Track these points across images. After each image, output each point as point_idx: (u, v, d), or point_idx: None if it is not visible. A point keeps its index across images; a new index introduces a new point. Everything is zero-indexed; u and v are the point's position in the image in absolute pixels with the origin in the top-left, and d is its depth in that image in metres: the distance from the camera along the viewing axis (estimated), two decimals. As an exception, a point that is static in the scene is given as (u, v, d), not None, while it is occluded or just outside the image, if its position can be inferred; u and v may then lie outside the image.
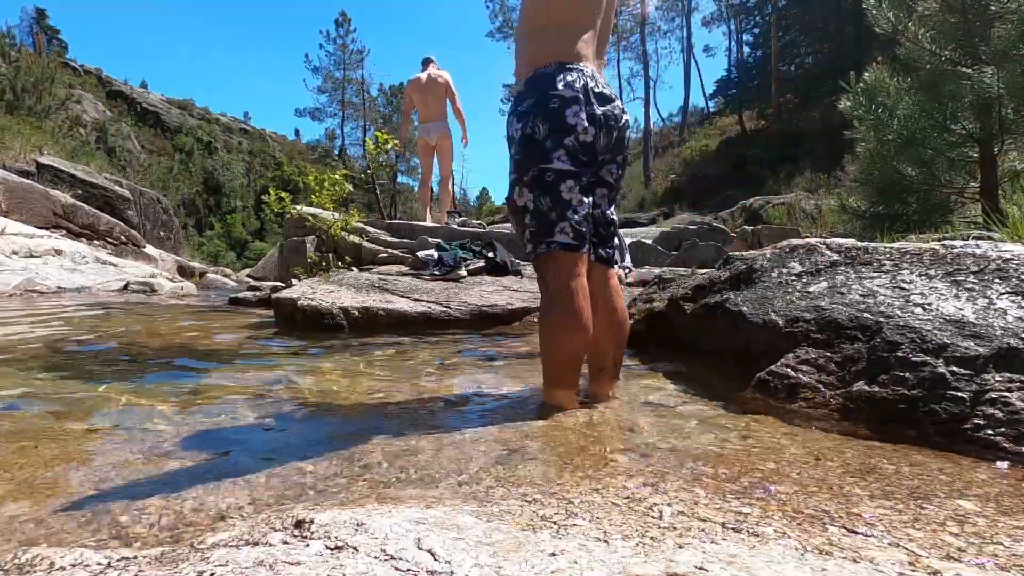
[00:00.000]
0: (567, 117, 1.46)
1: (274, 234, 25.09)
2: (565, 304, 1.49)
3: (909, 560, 0.69)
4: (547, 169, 1.48)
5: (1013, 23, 4.52)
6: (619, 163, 1.62)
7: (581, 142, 1.48)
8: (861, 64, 6.11)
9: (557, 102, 1.46)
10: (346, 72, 36.45)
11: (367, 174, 10.53)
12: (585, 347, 1.54)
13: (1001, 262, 1.51)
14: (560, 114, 1.46)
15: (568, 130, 1.46)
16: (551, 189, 1.48)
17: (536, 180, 1.49)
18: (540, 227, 1.50)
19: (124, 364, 2.26)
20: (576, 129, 1.46)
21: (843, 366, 1.43)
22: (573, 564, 0.63)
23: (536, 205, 1.50)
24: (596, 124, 1.50)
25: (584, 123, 1.47)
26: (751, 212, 14.06)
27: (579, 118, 1.46)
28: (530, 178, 1.50)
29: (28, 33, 28.94)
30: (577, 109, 1.47)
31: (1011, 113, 4.74)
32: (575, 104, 1.47)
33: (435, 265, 4.37)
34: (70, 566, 0.67)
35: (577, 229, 1.49)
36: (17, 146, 10.69)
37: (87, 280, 6.47)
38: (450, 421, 1.49)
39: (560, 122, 1.46)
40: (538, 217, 1.50)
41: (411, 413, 1.59)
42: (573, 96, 1.47)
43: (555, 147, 1.47)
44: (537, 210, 1.50)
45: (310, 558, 0.63)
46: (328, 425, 1.46)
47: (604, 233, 1.66)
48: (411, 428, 1.42)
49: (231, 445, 1.26)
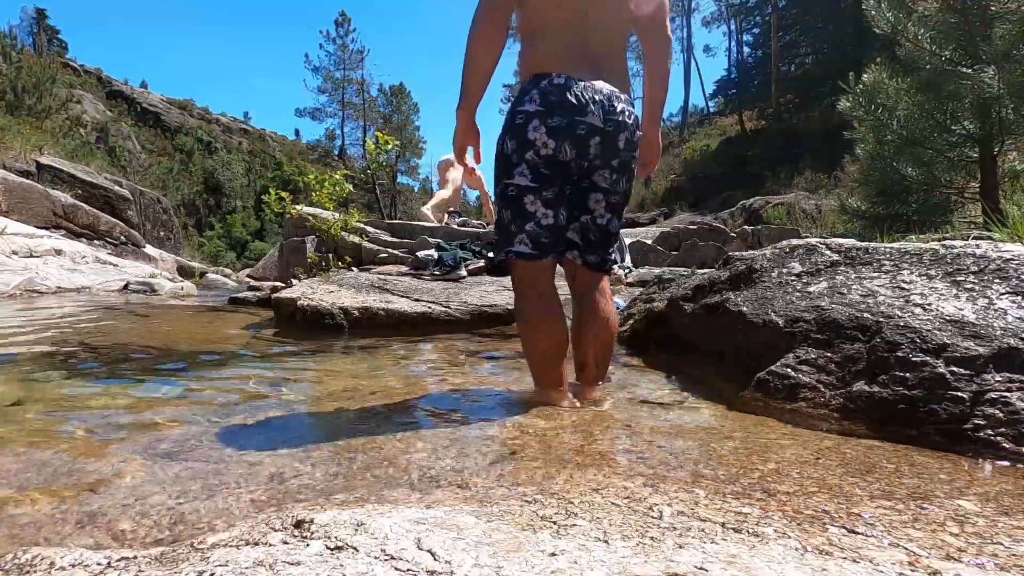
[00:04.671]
0: (528, 132, 1.50)
1: (274, 234, 25.08)
2: (529, 305, 1.62)
3: (909, 560, 0.69)
4: (510, 184, 1.55)
5: (1013, 23, 4.52)
6: (614, 167, 1.59)
7: (542, 156, 1.50)
8: (861, 64, 6.11)
9: (522, 117, 1.51)
10: (346, 72, 36.50)
11: (367, 174, 10.53)
12: (558, 345, 1.60)
13: (1001, 262, 1.51)
14: (523, 129, 1.50)
15: (528, 145, 1.50)
16: (513, 202, 1.56)
17: (502, 194, 1.58)
18: (502, 237, 1.61)
19: (123, 364, 2.26)
20: (535, 144, 1.49)
21: (843, 366, 1.43)
22: (573, 564, 0.63)
23: (500, 217, 1.61)
24: (559, 136, 1.48)
25: (544, 137, 1.49)
26: (751, 212, 14.07)
27: (538, 132, 1.49)
28: (499, 192, 1.59)
29: (28, 33, 28.95)
30: (537, 123, 1.49)
31: (1011, 113, 4.74)
32: (535, 119, 1.49)
33: (435, 265, 4.37)
34: (70, 566, 0.67)
35: (537, 239, 1.56)
36: (17, 146, 10.68)
37: (87, 280, 6.47)
38: (450, 421, 1.49)
39: (523, 137, 1.50)
40: (501, 228, 1.61)
41: (411, 413, 1.59)
42: (535, 111, 1.50)
43: (518, 162, 1.52)
44: (500, 221, 1.61)
45: (310, 558, 0.63)
46: (328, 425, 1.46)
47: (593, 239, 1.66)
48: (411, 428, 1.42)
49: (231, 445, 1.26)
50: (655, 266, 6.32)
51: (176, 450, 1.22)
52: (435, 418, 1.53)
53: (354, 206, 10.51)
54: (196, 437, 1.31)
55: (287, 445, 1.26)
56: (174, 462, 1.15)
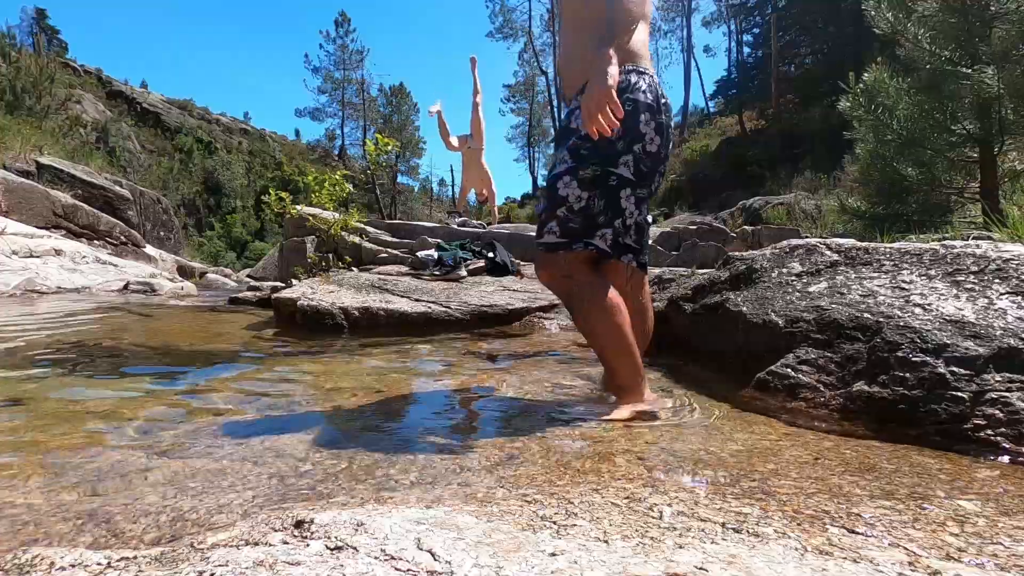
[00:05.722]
0: (640, 123, 1.42)
1: (274, 234, 25.08)
2: (599, 294, 1.43)
3: (909, 560, 0.69)
4: (612, 173, 1.42)
5: (1013, 23, 4.52)
6: (661, 172, 1.56)
7: (647, 152, 1.44)
8: (861, 64, 6.10)
9: (631, 105, 1.40)
10: (346, 72, 36.51)
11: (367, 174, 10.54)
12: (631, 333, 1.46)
13: (1001, 262, 1.51)
14: (635, 119, 1.41)
15: (638, 137, 1.42)
16: (609, 193, 1.42)
17: (597, 179, 1.42)
18: (581, 225, 1.43)
19: (123, 364, 2.26)
20: (644, 138, 1.43)
21: (843, 366, 1.43)
22: (573, 564, 0.63)
23: (586, 204, 1.42)
24: (662, 135, 1.46)
25: (652, 133, 1.44)
26: (751, 212, 14.05)
27: (649, 127, 1.43)
28: (589, 175, 1.42)
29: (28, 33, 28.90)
30: (647, 118, 1.43)
31: (1011, 113, 4.74)
32: (647, 112, 1.42)
33: (435, 265, 4.38)
34: (70, 566, 0.67)
35: (616, 239, 1.45)
36: (17, 146, 10.68)
37: (87, 280, 6.47)
38: (450, 421, 1.49)
39: (634, 127, 1.41)
40: (584, 215, 1.43)
41: (411, 413, 1.59)
42: (646, 104, 1.43)
43: (625, 151, 1.42)
44: (586, 208, 1.42)
45: (310, 558, 0.63)
46: (328, 425, 1.46)
47: (645, 240, 1.62)
48: (411, 428, 1.42)
49: (230, 445, 1.26)
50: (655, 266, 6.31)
51: (175, 449, 1.22)
52: (435, 417, 1.53)
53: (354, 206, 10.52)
54: (195, 436, 1.31)
55: (286, 445, 1.26)
56: (173, 461, 1.15)
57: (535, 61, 35.83)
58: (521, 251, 5.41)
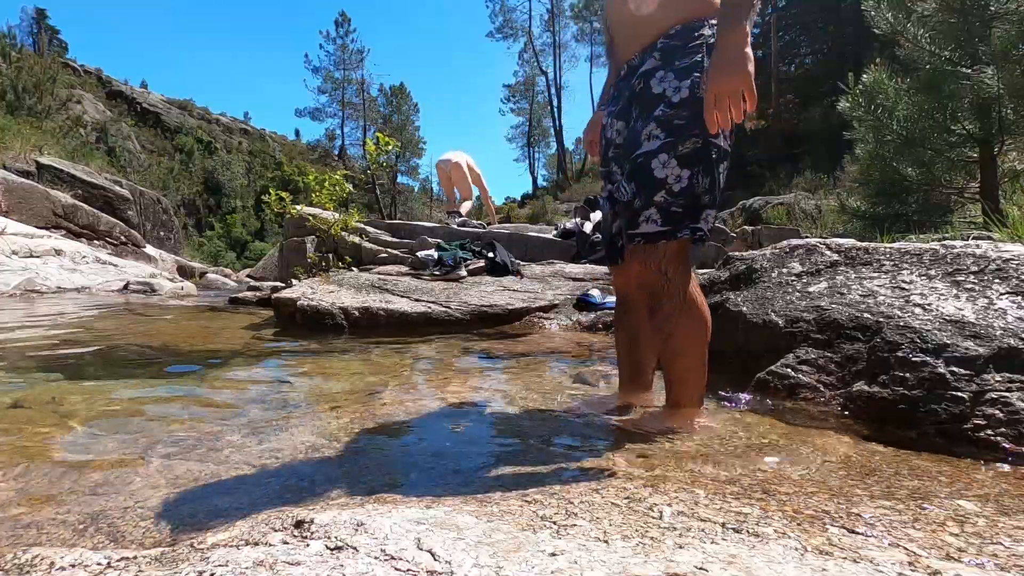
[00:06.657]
0: None
1: (274, 234, 25.08)
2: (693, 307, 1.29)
3: (909, 560, 0.69)
4: (713, 144, 1.23)
5: (1012, 23, 4.52)
6: None
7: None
8: (861, 64, 6.11)
9: None
10: (346, 72, 36.48)
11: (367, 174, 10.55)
12: None
13: (1001, 262, 1.51)
14: None
15: None
16: (712, 168, 1.24)
17: (698, 153, 1.22)
18: (685, 208, 1.24)
19: (123, 364, 2.26)
20: None
21: (843, 366, 1.43)
22: (573, 564, 0.63)
23: (689, 183, 1.23)
24: None
25: None
26: (751, 212, 14.04)
27: None
28: (690, 150, 1.22)
29: (28, 33, 28.91)
30: None
31: (1011, 113, 4.74)
32: None
33: (435, 265, 4.37)
34: (70, 566, 0.67)
35: (711, 222, 1.28)
36: (17, 146, 10.69)
37: (87, 280, 6.47)
38: (450, 421, 1.49)
39: None
40: (687, 196, 1.23)
41: (410, 413, 1.59)
42: None
43: None
44: (689, 189, 1.23)
45: (310, 558, 0.63)
46: (327, 425, 1.46)
47: None
48: (410, 428, 1.42)
49: (230, 445, 1.26)
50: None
51: (175, 450, 1.22)
52: (435, 418, 1.53)
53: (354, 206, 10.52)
54: (194, 437, 1.31)
55: (286, 445, 1.26)
56: (172, 462, 1.15)
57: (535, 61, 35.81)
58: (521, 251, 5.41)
